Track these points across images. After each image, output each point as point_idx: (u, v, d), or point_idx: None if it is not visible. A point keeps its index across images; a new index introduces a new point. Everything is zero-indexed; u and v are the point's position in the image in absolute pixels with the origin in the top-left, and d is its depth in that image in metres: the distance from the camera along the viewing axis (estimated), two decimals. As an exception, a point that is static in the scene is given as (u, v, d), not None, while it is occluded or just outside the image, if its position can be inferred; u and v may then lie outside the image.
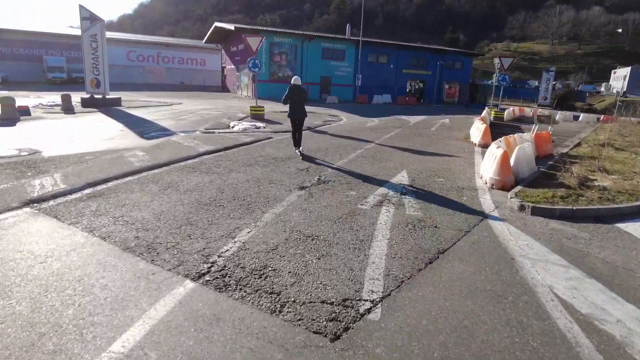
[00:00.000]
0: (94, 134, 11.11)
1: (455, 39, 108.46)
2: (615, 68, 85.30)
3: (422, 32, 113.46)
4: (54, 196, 5.42)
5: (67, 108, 16.52)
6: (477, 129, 12.56)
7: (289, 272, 3.56)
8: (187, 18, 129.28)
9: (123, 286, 3.22)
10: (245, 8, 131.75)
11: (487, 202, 6.09)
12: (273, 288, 3.28)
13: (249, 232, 4.45)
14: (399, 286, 3.42)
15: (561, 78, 75.86)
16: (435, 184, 7.01)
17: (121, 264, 3.60)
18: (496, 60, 24.45)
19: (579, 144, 13.21)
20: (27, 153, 8.14)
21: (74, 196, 5.51)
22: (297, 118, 9.17)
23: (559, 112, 28.53)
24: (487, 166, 7.36)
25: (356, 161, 8.76)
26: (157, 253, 3.84)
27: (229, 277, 3.44)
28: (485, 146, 11.59)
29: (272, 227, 4.66)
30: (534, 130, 14.62)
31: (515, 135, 9.80)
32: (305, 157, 8.87)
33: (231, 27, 33.91)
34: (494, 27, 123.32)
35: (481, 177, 7.62)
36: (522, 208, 5.66)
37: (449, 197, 6.29)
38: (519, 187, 6.53)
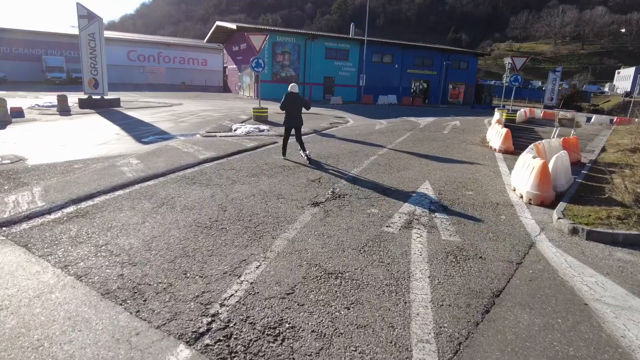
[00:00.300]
0: (87, 138, 10.34)
1: (457, 39, 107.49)
2: (619, 68, 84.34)
3: (424, 32, 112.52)
4: (29, 217, 4.63)
5: (63, 109, 15.82)
6: (497, 133, 11.72)
7: (312, 330, 2.76)
8: (188, 18, 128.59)
9: (95, 357, 2.43)
10: (246, 8, 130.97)
11: (530, 223, 5.27)
12: (294, 359, 2.48)
13: (257, 267, 3.66)
14: (457, 351, 2.62)
15: (566, 78, 74.89)
16: (466, 199, 6.21)
17: (97, 317, 2.81)
18: (507, 60, 23.60)
19: (604, 149, 12.39)
20: (9, 161, 7.37)
21: (52, 217, 4.73)
22: (292, 126, 8.64)
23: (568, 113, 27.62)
24: (521, 178, 6.54)
25: (371, 170, 7.97)
26: (145, 300, 3.05)
27: (235, 339, 2.64)
28: (506, 152, 10.78)
29: (286, 259, 3.86)
30: (554, 134, 13.80)
31: (544, 141, 8.98)
32: (314, 163, 8.12)
33: (233, 26, 33.10)
34: (497, 28, 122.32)
35: (513, 190, 6.82)
36: (574, 231, 4.85)
37: (485, 215, 5.48)
38: (563, 204, 5.70)
